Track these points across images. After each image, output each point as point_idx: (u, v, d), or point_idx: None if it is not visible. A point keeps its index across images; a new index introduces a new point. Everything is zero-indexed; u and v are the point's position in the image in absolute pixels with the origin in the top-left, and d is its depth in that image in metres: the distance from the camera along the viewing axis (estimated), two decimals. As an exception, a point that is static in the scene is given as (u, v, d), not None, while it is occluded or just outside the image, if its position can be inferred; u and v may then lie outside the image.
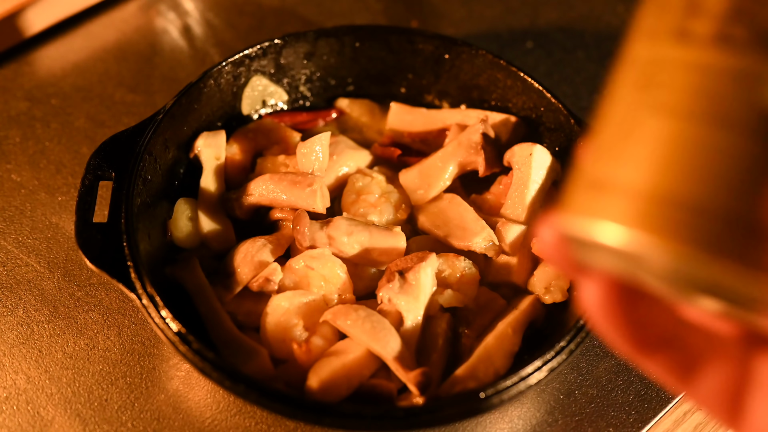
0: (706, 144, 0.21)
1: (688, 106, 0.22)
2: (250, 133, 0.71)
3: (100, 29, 0.89)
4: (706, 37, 0.22)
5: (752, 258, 0.21)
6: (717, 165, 0.21)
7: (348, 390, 0.55)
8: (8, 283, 0.67)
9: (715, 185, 0.21)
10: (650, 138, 0.22)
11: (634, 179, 0.22)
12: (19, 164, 0.76)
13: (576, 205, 0.24)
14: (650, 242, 0.22)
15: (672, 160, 0.22)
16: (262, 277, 0.59)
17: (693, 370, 0.26)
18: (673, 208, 0.21)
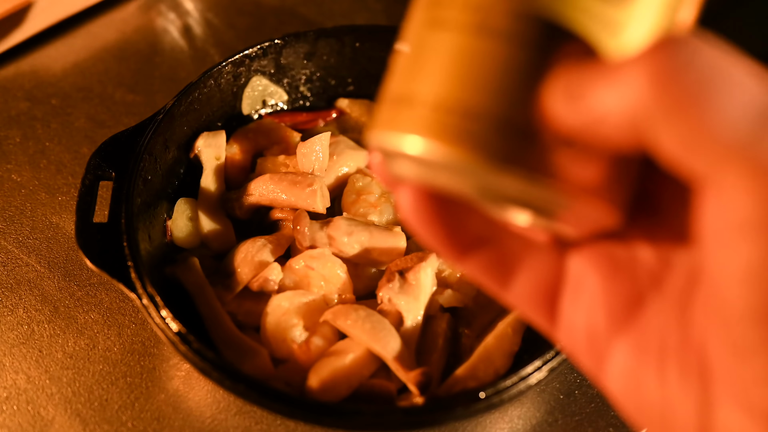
0: (480, 54, 0.23)
1: (461, 19, 0.23)
2: (250, 133, 0.71)
3: (100, 29, 0.89)
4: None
5: (528, 161, 0.22)
6: (489, 73, 0.23)
7: (348, 390, 0.55)
8: (8, 283, 0.67)
9: (489, 92, 0.23)
10: (434, 51, 0.24)
11: (424, 91, 0.24)
12: (20, 164, 0.76)
13: (381, 119, 0.25)
14: (440, 149, 0.23)
15: (453, 71, 0.23)
16: (262, 277, 0.59)
17: (509, 271, 0.27)
18: (457, 117, 0.23)
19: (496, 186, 0.24)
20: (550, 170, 0.22)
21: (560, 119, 0.22)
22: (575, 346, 0.26)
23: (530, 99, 0.22)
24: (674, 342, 0.24)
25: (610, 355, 0.25)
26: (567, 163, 0.23)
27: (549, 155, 0.22)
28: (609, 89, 0.21)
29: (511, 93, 0.22)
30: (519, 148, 0.22)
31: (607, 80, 0.21)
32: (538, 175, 0.22)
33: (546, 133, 0.22)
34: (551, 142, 0.22)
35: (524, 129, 0.22)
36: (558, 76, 0.22)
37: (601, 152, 0.23)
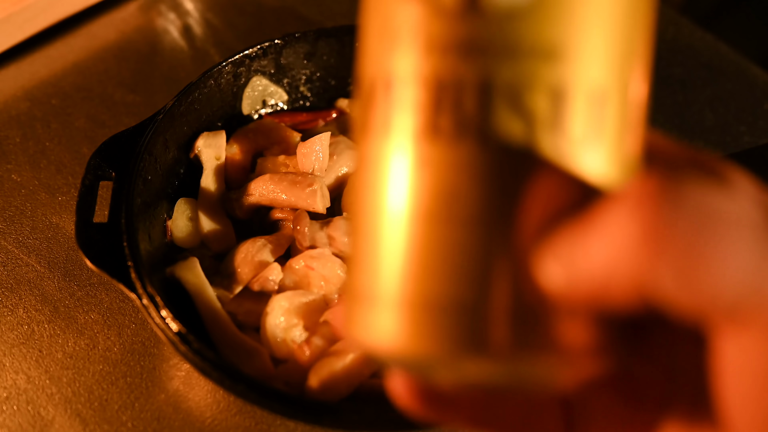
0: (448, 241, 0.21)
1: (418, 204, 0.22)
2: (250, 133, 0.71)
3: (100, 29, 0.89)
4: (415, 130, 0.22)
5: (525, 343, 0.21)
6: (461, 259, 0.21)
7: (348, 390, 0.55)
8: (8, 283, 0.67)
9: (449, 279, 0.21)
10: (392, 242, 0.22)
11: (392, 289, 0.22)
12: (20, 164, 0.76)
13: (350, 314, 0.23)
14: (418, 349, 0.21)
15: (419, 264, 0.22)
16: (262, 277, 0.59)
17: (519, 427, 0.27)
18: (434, 312, 0.21)
19: (492, 373, 0.22)
20: (549, 346, 0.21)
21: (557, 292, 0.21)
22: None
23: (519, 278, 0.21)
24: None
25: None
26: (566, 332, 0.21)
27: (546, 331, 0.21)
28: (599, 246, 0.19)
29: (499, 277, 0.21)
30: (515, 333, 0.21)
31: (593, 235, 0.20)
32: (541, 357, 0.21)
33: (540, 308, 0.21)
34: (546, 316, 0.21)
35: (516, 311, 0.21)
36: (544, 243, 0.21)
37: (597, 311, 0.21)
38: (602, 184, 0.21)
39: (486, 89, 0.21)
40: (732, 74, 0.87)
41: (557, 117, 0.21)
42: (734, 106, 0.84)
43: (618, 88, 0.21)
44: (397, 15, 0.22)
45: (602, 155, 0.21)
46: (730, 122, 0.82)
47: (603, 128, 0.21)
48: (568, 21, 0.21)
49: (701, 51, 0.89)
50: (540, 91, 0.21)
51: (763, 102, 0.85)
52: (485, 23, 0.21)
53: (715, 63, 0.88)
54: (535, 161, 0.21)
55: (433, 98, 0.21)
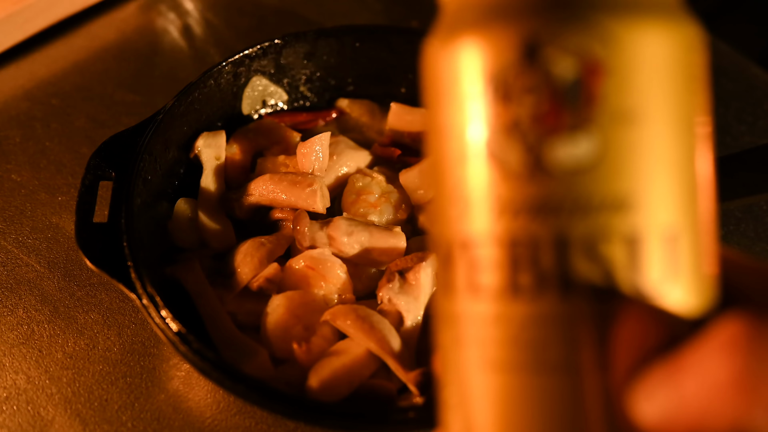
0: (539, 392, 0.22)
1: (506, 358, 0.22)
2: (250, 133, 0.71)
3: (100, 29, 0.89)
4: (495, 289, 0.23)
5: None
6: (556, 409, 0.22)
7: (348, 390, 0.55)
8: (8, 283, 0.67)
9: (563, 428, 0.22)
10: (483, 396, 0.23)
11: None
12: (19, 164, 0.76)
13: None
14: None
15: (514, 415, 0.22)
16: (262, 277, 0.59)
17: None
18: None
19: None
20: None
21: (650, 429, 0.21)
22: None
23: (615, 421, 0.21)
24: None
25: None
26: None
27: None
28: (692, 385, 0.20)
29: (594, 423, 0.21)
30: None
31: (686, 374, 0.20)
32: None
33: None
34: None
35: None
36: (635, 384, 0.21)
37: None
38: (684, 320, 0.22)
39: (562, 245, 0.22)
40: (732, 74, 0.87)
41: (635, 262, 0.21)
42: (734, 106, 0.84)
43: (688, 225, 0.22)
44: (466, 179, 0.23)
45: (682, 290, 0.22)
46: (730, 122, 0.82)
47: (679, 266, 0.22)
48: (633, 172, 0.22)
49: (701, 51, 0.89)
50: (615, 241, 0.21)
51: (763, 102, 0.85)
52: (553, 182, 0.22)
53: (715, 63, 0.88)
54: (617, 305, 0.21)
55: (510, 258, 0.22)
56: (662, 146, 0.22)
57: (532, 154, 0.22)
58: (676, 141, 0.22)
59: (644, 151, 0.22)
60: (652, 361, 0.21)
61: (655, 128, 0.22)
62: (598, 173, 0.21)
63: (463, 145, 0.23)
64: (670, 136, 0.22)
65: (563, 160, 0.22)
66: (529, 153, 0.22)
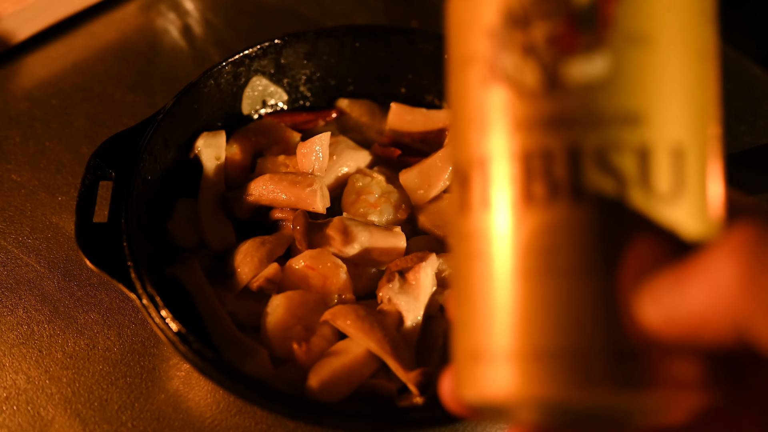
0: (553, 294, 0.23)
1: (522, 265, 0.23)
2: (250, 133, 0.71)
3: (100, 29, 0.89)
4: (509, 201, 0.24)
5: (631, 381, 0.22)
6: (567, 309, 0.23)
7: (348, 390, 0.55)
8: (8, 283, 0.67)
9: (577, 327, 0.23)
10: (502, 302, 0.24)
11: (504, 344, 0.24)
12: (19, 164, 0.76)
13: (464, 376, 0.25)
14: (537, 396, 0.23)
15: (527, 317, 0.23)
16: (262, 277, 0.59)
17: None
18: (546, 360, 0.23)
19: (600, 410, 0.24)
20: (657, 381, 0.23)
21: (657, 331, 0.22)
22: None
23: (621, 321, 0.22)
24: None
25: None
26: (670, 367, 0.23)
27: (652, 367, 0.23)
28: (698, 290, 0.21)
29: (601, 322, 0.23)
30: (623, 371, 0.22)
31: (692, 280, 0.21)
32: (649, 391, 0.23)
33: (644, 347, 0.22)
34: (651, 354, 0.23)
35: (622, 352, 0.22)
36: (642, 289, 0.22)
37: (701, 350, 0.23)
38: (690, 234, 0.23)
39: (575, 155, 0.23)
40: (732, 74, 0.87)
41: (644, 173, 0.23)
42: (734, 106, 0.84)
43: (695, 144, 0.23)
44: (484, 102, 0.24)
45: (688, 206, 0.23)
46: (730, 122, 0.82)
47: (686, 181, 0.23)
48: (645, 89, 0.23)
49: (701, 51, 0.89)
50: (626, 152, 0.23)
51: (763, 102, 0.85)
52: (567, 97, 0.23)
53: (715, 63, 0.88)
54: (626, 214, 0.23)
55: (525, 170, 0.23)
56: (673, 68, 0.23)
57: (547, 73, 0.23)
58: (687, 64, 0.23)
59: (656, 71, 0.23)
60: (658, 268, 0.22)
61: (666, 51, 0.23)
62: (611, 89, 0.23)
63: (482, 71, 0.25)
64: (680, 59, 0.23)
65: (577, 77, 0.23)
66: (544, 72, 0.23)
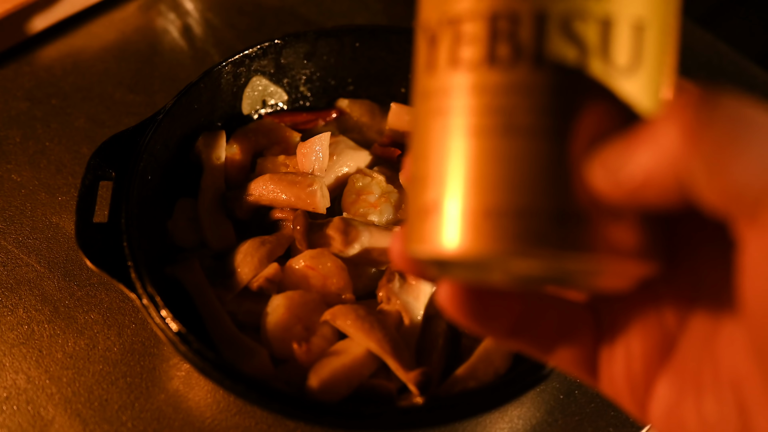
0: (506, 154, 0.24)
1: (480, 123, 0.24)
2: (250, 133, 0.71)
3: (100, 29, 0.89)
4: (475, 61, 0.25)
5: (577, 243, 0.24)
6: (519, 169, 0.24)
7: (348, 390, 0.55)
8: (8, 283, 0.67)
9: (527, 187, 0.24)
10: (457, 159, 0.25)
11: (454, 199, 0.25)
12: (19, 164, 0.76)
13: (414, 231, 0.26)
14: (484, 250, 0.24)
15: (479, 174, 0.24)
16: (262, 277, 0.59)
17: (550, 342, 0.29)
18: (494, 217, 0.24)
19: (541, 271, 0.25)
20: (599, 245, 0.23)
21: (603, 194, 0.23)
22: (618, 393, 0.28)
23: (569, 184, 0.23)
24: (708, 377, 0.25)
25: (650, 396, 0.27)
26: (613, 232, 0.24)
27: (596, 231, 0.23)
28: (644, 153, 0.22)
29: (550, 184, 0.24)
30: (568, 233, 0.24)
31: (640, 145, 0.22)
32: (590, 253, 0.23)
33: (590, 211, 0.23)
34: (596, 218, 0.24)
35: (569, 214, 0.23)
36: (592, 154, 0.23)
37: (643, 212, 0.24)
38: (642, 107, 0.24)
39: (540, 20, 0.24)
40: (732, 74, 0.87)
41: (605, 44, 0.24)
42: (734, 106, 0.84)
43: (656, 22, 0.25)
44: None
45: (643, 80, 0.24)
46: (730, 122, 0.82)
47: (643, 56, 0.24)
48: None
49: (701, 51, 0.89)
50: (589, 21, 0.24)
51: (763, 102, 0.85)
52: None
53: (714, 63, 0.88)
54: (584, 82, 0.24)
55: (491, 31, 0.24)
56: None
57: None
58: None
59: None
60: (609, 136, 0.23)
61: None
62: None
63: None
64: None
65: None
66: None
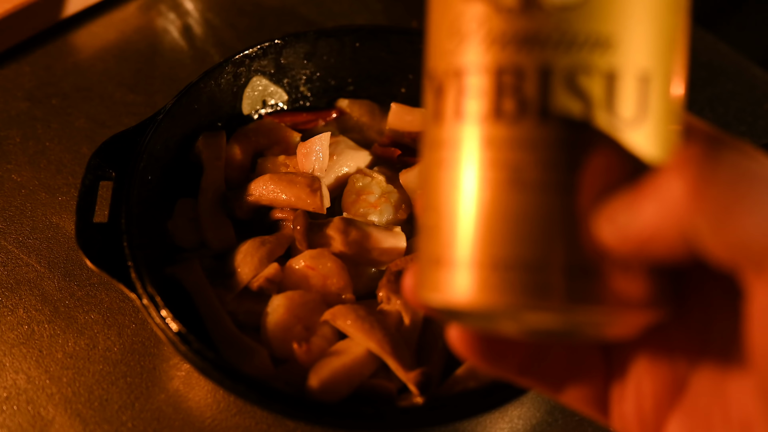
0: (514, 208, 0.24)
1: (487, 177, 0.25)
2: (250, 133, 0.71)
3: (100, 29, 0.89)
4: (481, 114, 0.25)
5: (585, 296, 0.24)
6: (527, 223, 0.24)
7: (348, 390, 0.55)
8: (8, 283, 0.67)
9: (535, 241, 0.24)
10: (465, 212, 0.25)
11: (464, 252, 0.25)
12: (20, 164, 0.76)
13: (425, 277, 0.27)
14: (493, 303, 0.25)
15: (488, 227, 0.25)
16: (262, 277, 0.59)
17: (560, 380, 0.30)
18: (503, 270, 0.24)
19: (550, 323, 0.25)
20: (608, 298, 0.24)
21: (611, 248, 0.23)
22: (628, 430, 0.28)
23: (577, 238, 0.24)
24: (718, 418, 0.25)
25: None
26: (621, 284, 0.24)
27: (604, 284, 0.24)
28: (649, 208, 0.22)
29: (558, 238, 0.24)
30: (576, 286, 0.24)
31: (645, 200, 0.22)
32: (599, 306, 0.24)
33: (598, 264, 0.24)
34: (603, 271, 0.24)
35: (576, 267, 0.24)
36: (599, 208, 0.23)
37: (651, 265, 0.24)
38: (649, 158, 0.24)
39: (545, 75, 0.24)
40: (732, 74, 0.87)
41: (610, 97, 0.24)
42: (734, 106, 0.84)
43: (661, 73, 0.25)
44: (463, 14, 0.25)
45: (649, 131, 0.24)
46: (730, 122, 0.82)
47: (648, 107, 0.24)
48: (617, 14, 0.24)
49: (701, 51, 0.89)
50: (594, 75, 0.24)
51: (763, 102, 0.85)
52: (542, 16, 0.24)
53: (715, 63, 0.88)
54: (590, 136, 0.24)
55: (497, 85, 0.25)
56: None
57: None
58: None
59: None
60: (616, 189, 0.23)
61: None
62: (585, 12, 0.24)
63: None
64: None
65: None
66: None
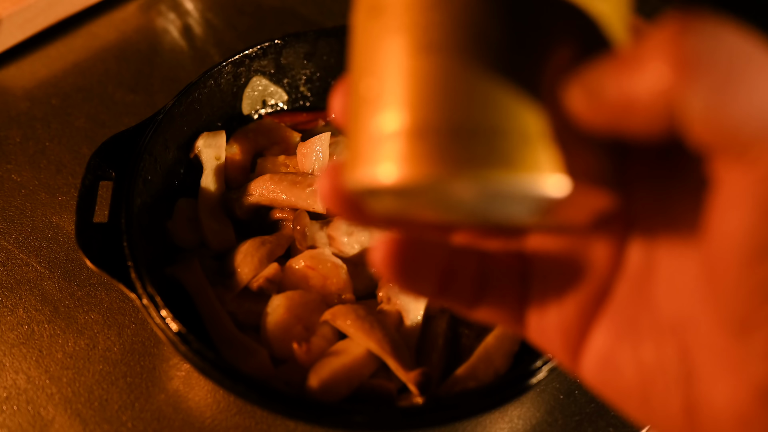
0: (429, 71, 0.23)
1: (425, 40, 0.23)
2: (250, 133, 0.71)
3: (100, 29, 0.89)
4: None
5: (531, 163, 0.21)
6: (442, 87, 0.22)
7: (348, 390, 0.55)
8: (8, 283, 0.67)
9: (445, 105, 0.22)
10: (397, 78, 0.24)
11: (386, 123, 0.23)
12: (20, 164, 0.76)
13: (351, 167, 0.25)
14: (414, 172, 0.22)
15: (406, 94, 0.23)
16: (262, 277, 0.59)
17: (477, 294, 0.28)
18: (422, 137, 0.22)
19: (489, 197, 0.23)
20: (559, 167, 0.22)
21: (579, 115, 0.21)
22: (550, 344, 0.27)
23: (546, 104, 0.22)
24: (645, 322, 0.24)
25: (584, 346, 0.26)
26: (579, 157, 0.22)
27: (561, 154, 0.22)
28: (631, 79, 0.20)
29: (517, 104, 0.22)
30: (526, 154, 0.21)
31: (626, 71, 0.20)
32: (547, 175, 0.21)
33: (556, 133, 0.22)
34: (561, 141, 0.22)
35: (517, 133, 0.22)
36: (569, 74, 0.22)
37: (605, 140, 0.22)
38: (612, 32, 0.23)
39: None
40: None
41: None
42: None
43: None
44: None
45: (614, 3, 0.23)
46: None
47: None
48: None
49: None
50: None
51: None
52: None
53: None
54: None
55: None
56: None
57: None
58: None
59: None
60: (585, 57, 0.22)
61: None
62: None
63: None
64: None
65: None
66: None
